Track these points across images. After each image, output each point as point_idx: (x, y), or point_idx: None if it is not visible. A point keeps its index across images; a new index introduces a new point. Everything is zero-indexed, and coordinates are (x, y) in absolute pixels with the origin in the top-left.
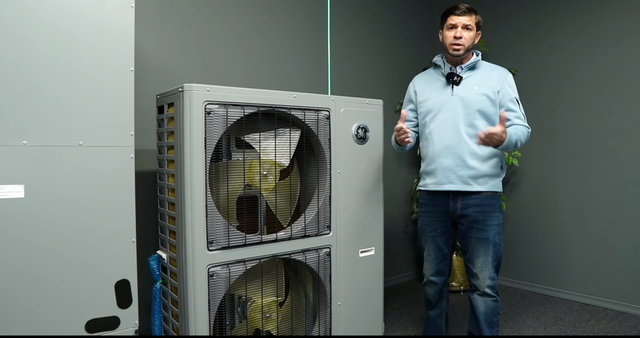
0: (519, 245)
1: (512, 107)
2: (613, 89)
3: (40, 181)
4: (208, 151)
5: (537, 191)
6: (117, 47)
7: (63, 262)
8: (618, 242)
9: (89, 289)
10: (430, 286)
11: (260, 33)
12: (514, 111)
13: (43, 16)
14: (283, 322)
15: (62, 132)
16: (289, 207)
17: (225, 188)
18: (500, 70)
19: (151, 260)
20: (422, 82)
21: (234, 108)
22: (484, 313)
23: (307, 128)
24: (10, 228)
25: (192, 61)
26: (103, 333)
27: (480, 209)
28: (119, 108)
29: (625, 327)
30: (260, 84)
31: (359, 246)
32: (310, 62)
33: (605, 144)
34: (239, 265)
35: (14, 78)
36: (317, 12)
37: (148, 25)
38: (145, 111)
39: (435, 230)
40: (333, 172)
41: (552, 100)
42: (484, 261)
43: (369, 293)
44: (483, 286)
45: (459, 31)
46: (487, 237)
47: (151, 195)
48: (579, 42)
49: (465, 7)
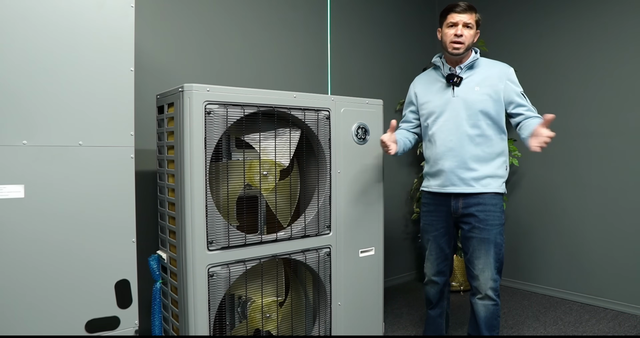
0: (519, 245)
1: (520, 102)
2: (613, 89)
3: (40, 181)
4: (208, 151)
5: (537, 191)
6: (117, 47)
7: (63, 262)
8: (618, 242)
9: (89, 289)
10: (431, 286)
11: (260, 33)
12: (524, 105)
13: (43, 16)
14: (283, 322)
15: (62, 132)
16: (289, 207)
17: (225, 188)
18: (500, 66)
19: (151, 260)
20: (423, 84)
21: (234, 108)
22: (485, 318)
23: (307, 128)
24: (10, 228)
25: (192, 61)
26: (103, 333)
27: (482, 209)
28: (119, 108)
29: (625, 327)
30: (260, 84)
31: (359, 246)
32: (310, 62)
33: (605, 144)
34: (239, 265)
35: (14, 78)
36: (317, 12)
37: (148, 25)
38: (145, 111)
39: (437, 229)
40: (333, 172)
41: (552, 100)
42: (485, 262)
43: (369, 293)
44: (484, 289)
45: (459, 29)
46: (489, 237)
47: (151, 195)
48: (579, 42)
49: (465, 5)
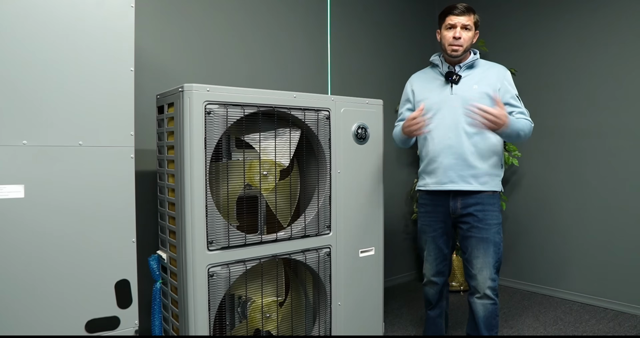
0: (519, 245)
1: (514, 104)
2: (613, 88)
3: (40, 181)
4: (208, 151)
5: (537, 191)
6: (117, 47)
7: (63, 262)
8: (618, 242)
9: (89, 289)
10: (430, 286)
11: (261, 33)
12: (517, 107)
13: (43, 16)
14: (283, 322)
15: (62, 132)
16: (289, 207)
17: (225, 188)
18: (498, 67)
19: (151, 260)
20: (420, 81)
21: (234, 108)
22: (483, 317)
23: (307, 128)
24: (10, 228)
25: (192, 61)
26: (103, 333)
27: (480, 208)
28: (119, 108)
29: (625, 327)
30: (261, 84)
31: (359, 246)
32: (310, 62)
33: (605, 144)
34: (239, 265)
35: (14, 78)
36: (317, 12)
37: (148, 25)
38: (145, 111)
39: (435, 230)
40: (333, 172)
41: (552, 100)
42: (484, 261)
43: (369, 293)
44: (483, 288)
45: (457, 31)
46: (488, 236)
47: (151, 195)
48: (579, 42)
49: (463, 7)
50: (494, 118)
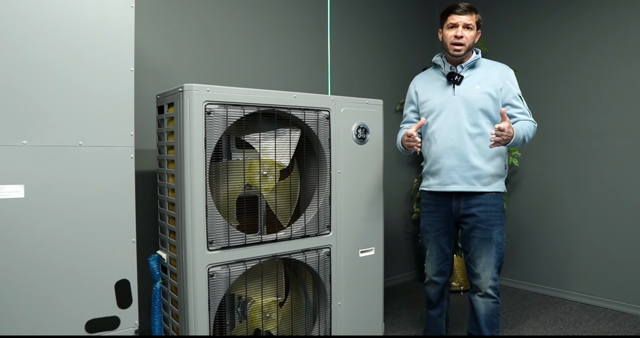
0: (519, 245)
1: (515, 104)
2: (613, 88)
3: (40, 181)
4: (208, 151)
5: (537, 191)
6: (117, 47)
7: (63, 262)
8: (618, 242)
9: (89, 289)
10: (432, 286)
11: (261, 33)
12: (518, 107)
13: (43, 16)
14: (283, 322)
15: (62, 132)
16: (289, 207)
17: (225, 188)
18: (501, 67)
19: (151, 260)
20: (423, 83)
21: (234, 108)
22: (485, 315)
23: (307, 128)
24: (10, 228)
25: (192, 61)
26: (103, 333)
27: (483, 209)
28: (119, 108)
29: (625, 327)
30: (260, 84)
31: (359, 246)
32: (310, 62)
33: (605, 144)
34: (239, 265)
35: (14, 78)
36: (317, 12)
37: (148, 25)
38: (145, 111)
39: (437, 230)
40: (333, 172)
41: (552, 100)
42: (487, 261)
43: (369, 293)
44: (485, 287)
45: (459, 31)
46: (491, 237)
47: (151, 195)
48: (579, 42)
49: (465, 6)
50: (506, 133)
